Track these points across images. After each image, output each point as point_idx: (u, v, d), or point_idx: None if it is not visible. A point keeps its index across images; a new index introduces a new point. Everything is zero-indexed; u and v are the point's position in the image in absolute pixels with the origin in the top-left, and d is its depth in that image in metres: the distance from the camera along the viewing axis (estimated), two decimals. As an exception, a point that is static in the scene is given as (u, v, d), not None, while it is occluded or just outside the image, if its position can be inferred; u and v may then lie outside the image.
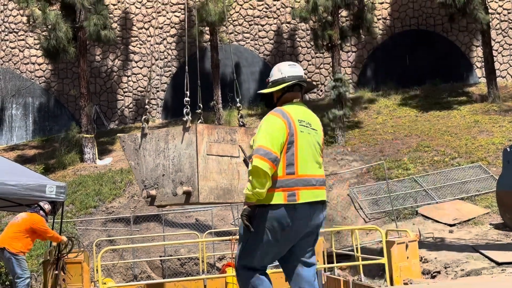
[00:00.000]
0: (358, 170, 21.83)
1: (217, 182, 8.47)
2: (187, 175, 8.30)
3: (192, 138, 8.32)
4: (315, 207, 5.11)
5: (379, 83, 30.02)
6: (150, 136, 8.74)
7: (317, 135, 5.28)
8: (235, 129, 8.83)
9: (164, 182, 8.53)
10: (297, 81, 5.30)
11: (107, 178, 23.22)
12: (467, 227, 17.15)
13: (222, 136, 8.60)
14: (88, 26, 24.81)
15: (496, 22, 29.87)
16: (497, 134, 22.85)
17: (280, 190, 5.01)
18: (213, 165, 8.40)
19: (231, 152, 8.63)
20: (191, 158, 8.29)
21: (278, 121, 5.07)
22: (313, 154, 5.18)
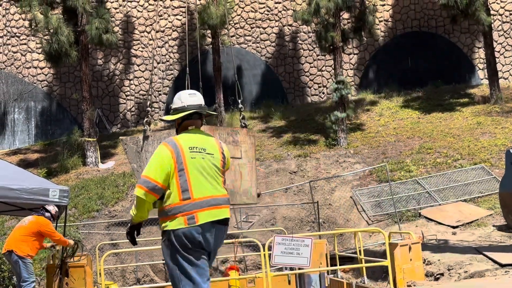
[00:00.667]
0: (361, 172, 21.84)
1: None
2: None
3: None
4: (216, 226, 5.53)
5: (381, 85, 30.03)
6: (152, 138, 8.71)
7: (214, 158, 5.67)
8: (237, 131, 8.81)
9: None
10: (195, 110, 5.76)
11: (110, 182, 23.25)
12: (470, 229, 17.14)
13: (224, 138, 8.58)
14: (90, 30, 24.85)
15: (498, 24, 29.87)
16: (499, 136, 22.84)
17: (180, 215, 5.43)
18: None
19: (233, 153, 8.57)
20: None
21: (165, 151, 5.52)
22: (209, 177, 5.59)
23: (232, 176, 8.59)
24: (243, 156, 8.82)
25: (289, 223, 19.84)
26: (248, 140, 8.93)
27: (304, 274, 13.00)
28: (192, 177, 5.50)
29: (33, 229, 11.25)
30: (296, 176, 22.30)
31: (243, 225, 19.92)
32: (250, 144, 8.98)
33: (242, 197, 8.76)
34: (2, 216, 20.44)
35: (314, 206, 19.16)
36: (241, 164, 8.77)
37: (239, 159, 8.75)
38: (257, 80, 30.30)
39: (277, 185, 21.62)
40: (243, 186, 8.75)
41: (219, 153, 5.76)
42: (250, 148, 8.96)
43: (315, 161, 23.07)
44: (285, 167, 22.82)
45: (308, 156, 23.49)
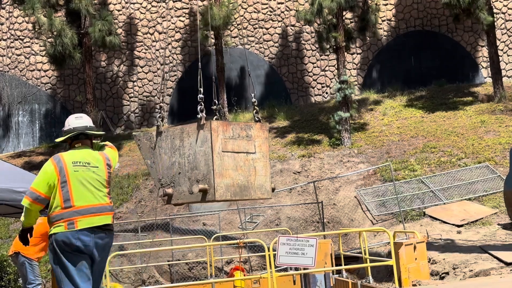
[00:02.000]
0: (365, 172, 21.83)
1: (234, 179, 8.35)
2: (203, 172, 8.19)
3: (206, 135, 8.22)
4: (96, 232, 6.25)
5: (385, 84, 30.02)
6: (165, 134, 8.62)
7: (98, 170, 6.48)
8: (251, 125, 8.70)
9: (181, 180, 8.41)
10: (80, 131, 6.64)
11: (114, 184, 23.28)
12: (475, 228, 17.13)
13: (237, 133, 8.49)
14: (93, 32, 24.91)
15: (501, 22, 29.84)
16: (503, 134, 22.81)
17: (62, 221, 6.20)
18: (229, 161, 8.31)
19: (246, 148, 8.54)
20: (206, 156, 8.18)
21: (50, 166, 6.42)
22: (91, 187, 6.36)
23: (246, 171, 8.50)
24: (256, 150, 8.70)
25: (293, 223, 19.85)
26: (261, 134, 8.79)
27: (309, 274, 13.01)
28: (73, 188, 6.28)
29: (41, 231, 11.22)
30: (300, 176, 22.31)
31: (248, 226, 19.93)
32: (263, 138, 8.84)
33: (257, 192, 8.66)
34: (7, 219, 20.49)
35: (318, 206, 19.16)
36: (255, 159, 8.65)
37: (252, 154, 8.62)
38: (260, 80, 30.32)
39: (281, 186, 21.62)
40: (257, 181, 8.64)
41: (104, 165, 6.58)
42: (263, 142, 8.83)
43: (319, 161, 23.08)
44: (289, 167, 22.83)
45: (312, 156, 23.49)
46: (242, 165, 8.47)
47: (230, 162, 8.33)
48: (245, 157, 8.52)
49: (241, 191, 8.43)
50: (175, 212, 21.05)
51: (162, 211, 21.38)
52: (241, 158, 8.48)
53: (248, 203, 20.75)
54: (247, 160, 8.54)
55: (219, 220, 19.56)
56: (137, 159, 26.00)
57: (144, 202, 22.11)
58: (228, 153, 8.32)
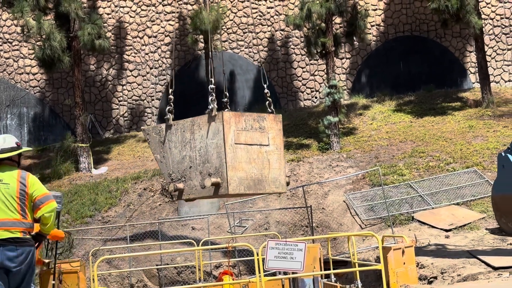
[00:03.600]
0: (354, 177, 21.86)
1: (247, 172, 8.11)
2: (215, 166, 7.96)
3: (218, 127, 8.01)
4: (5, 244, 6.66)
5: (374, 89, 30.08)
6: (175, 127, 8.41)
7: (8, 188, 6.85)
8: (264, 116, 8.56)
9: (192, 174, 8.19)
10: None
11: (103, 188, 23.20)
12: (463, 232, 17.17)
13: (250, 124, 8.30)
14: (83, 36, 24.82)
15: (490, 28, 29.98)
16: (491, 139, 22.90)
17: None
18: (242, 154, 8.07)
19: (260, 141, 8.33)
20: (218, 148, 7.96)
21: None
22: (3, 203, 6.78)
23: (259, 164, 8.27)
24: (270, 143, 8.48)
25: (282, 227, 19.84)
26: (275, 126, 8.63)
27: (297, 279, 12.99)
28: None
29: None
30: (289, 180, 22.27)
31: (237, 230, 19.91)
32: (277, 130, 8.67)
33: (271, 186, 8.44)
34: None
35: (307, 211, 19.16)
36: (269, 152, 8.43)
37: (266, 146, 8.40)
38: (249, 85, 30.32)
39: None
40: (271, 174, 8.42)
41: (16, 182, 6.91)
42: (277, 134, 8.66)
43: (308, 165, 23.09)
44: (278, 172, 22.77)
45: (301, 161, 23.50)
46: (255, 157, 8.24)
47: (243, 155, 8.09)
48: (259, 150, 8.30)
49: (254, 184, 8.19)
50: (164, 216, 21.00)
51: (151, 215, 21.32)
52: (255, 151, 8.25)
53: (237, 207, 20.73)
54: (260, 152, 8.31)
55: (208, 224, 19.52)
56: (126, 163, 25.94)
57: (133, 206, 22.04)
58: (241, 145, 8.09)
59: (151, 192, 22.53)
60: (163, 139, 8.51)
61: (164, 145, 8.48)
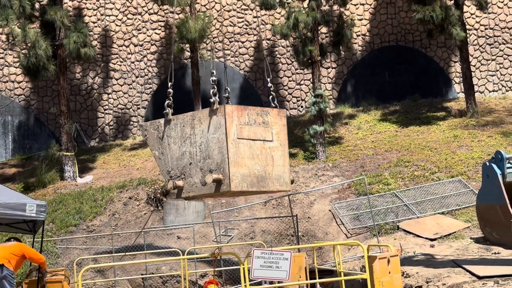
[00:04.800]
0: (339, 186, 21.89)
1: (250, 168, 7.77)
2: (217, 161, 7.65)
3: (220, 120, 7.71)
4: None
5: (359, 98, 30.19)
6: (175, 122, 8.09)
7: None
8: (267, 111, 8.18)
9: (192, 171, 7.88)
10: None
11: (88, 196, 23.08)
12: (448, 241, 17.24)
13: (253, 118, 7.97)
14: (68, 44, 24.74)
15: (474, 38, 30.21)
16: (476, 149, 23.04)
17: None
18: (244, 149, 7.74)
19: (263, 136, 8.00)
20: (220, 143, 7.65)
21: None
22: None
23: (263, 160, 7.94)
24: (274, 138, 8.11)
25: (268, 236, 19.82)
26: (279, 121, 8.23)
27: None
28: None
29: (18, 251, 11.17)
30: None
31: (223, 239, 19.86)
32: (281, 125, 8.28)
33: (275, 184, 8.07)
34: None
35: (293, 220, 19.16)
36: (273, 148, 8.06)
37: (270, 142, 8.04)
38: (235, 93, 30.33)
39: (256, 199, 21.60)
40: (275, 172, 8.05)
41: None
42: (281, 130, 8.27)
43: (294, 174, 23.10)
44: (264, 181, 22.77)
45: (287, 170, 23.48)
46: (258, 153, 7.92)
47: (246, 150, 7.78)
48: (262, 145, 7.98)
49: (258, 181, 7.87)
50: (149, 225, 20.92)
51: (136, 224, 21.24)
52: (258, 146, 7.94)
53: (223, 216, 20.69)
54: (264, 148, 8.00)
55: (194, 234, 19.46)
56: (111, 171, 25.84)
57: (118, 215, 21.94)
58: (243, 140, 7.78)
59: (137, 201, 22.45)
60: (161, 135, 8.23)
61: (162, 141, 8.20)
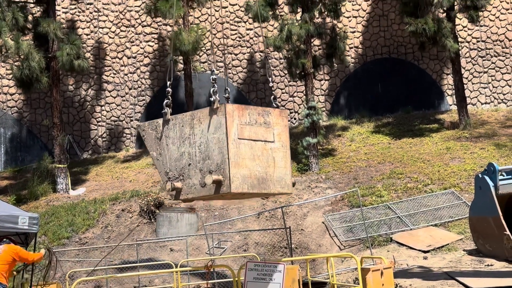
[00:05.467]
0: (333, 198, 21.90)
1: (251, 169, 7.57)
2: (217, 162, 7.47)
3: (221, 120, 7.50)
4: None
5: (352, 110, 30.26)
6: (173, 122, 7.90)
7: None
8: (269, 111, 7.99)
9: (191, 172, 7.70)
10: None
11: (80, 209, 23.01)
12: (441, 254, 17.24)
13: (254, 118, 7.77)
14: (61, 56, 24.74)
15: (466, 51, 30.36)
16: (468, 161, 23.10)
17: None
18: (245, 150, 7.56)
19: (265, 137, 7.81)
20: (220, 143, 7.46)
21: None
22: None
23: (264, 162, 7.74)
24: (275, 139, 7.91)
25: (261, 249, 19.79)
26: (281, 122, 8.04)
27: (276, 300, 12.91)
28: None
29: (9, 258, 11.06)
30: (268, 202, 22.29)
31: (216, 251, 19.82)
32: (283, 126, 8.08)
33: (276, 186, 7.86)
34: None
35: (286, 232, 19.14)
36: (274, 149, 7.86)
37: (271, 143, 7.84)
38: (229, 106, 30.31)
39: (249, 211, 21.58)
40: (276, 173, 7.85)
41: None
42: (283, 131, 8.06)
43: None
44: (257, 193, 22.76)
45: (280, 182, 23.47)
46: (260, 154, 7.74)
47: (247, 151, 7.59)
48: (263, 146, 7.81)
49: (259, 183, 7.68)
50: (142, 238, 20.86)
51: (129, 236, 21.17)
52: (259, 147, 7.76)
53: (216, 228, 20.65)
54: (265, 149, 7.82)
55: (187, 246, 19.41)
56: (104, 184, 25.78)
57: (110, 227, 21.87)
58: (244, 141, 7.60)
59: (129, 213, 22.39)
60: (159, 135, 8.06)
61: (161, 142, 8.03)
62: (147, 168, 26.59)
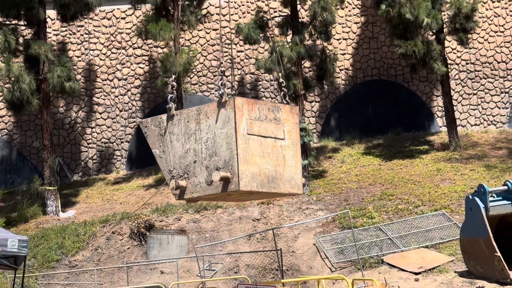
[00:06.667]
0: (324, 219, 21.88)
1: (260, 167, 7.18)
2: (224, 158, 7.09)
3: (229, 114, 7.12)
4: None
5: (343, 132, 30.35)
6: (178, 118, 7.54)
7: None
8: (279, 107, 7.65)
9: (196, 170, 7.31)
10: None
11: (70, 231, 22.90)
12: (433, 275, 17.24)
13: (264, 114, 7.38)
14: (52, 78, 24.75)
15: (455, 73, 30.57)
16: (459, 182, 23.16)
17: None
18: (255, 146, 7.17)
19: (275, 133, 7.45)
20: (228, 138, 7.07)
21: None
22: None
23: (274, 159, 7.36)
24: (286, 137, 7.54)
25: (252, 271, 19.72)
26: (291, 118, 7.72)
27: (267, 323, 12.88)
28: None
29: None
30: (259, 224, 22.25)
31: (206, 274, 19.73)
32: (293, 123, 7.75)
33: (286, 185, 7.47)
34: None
35: (277, 254, 19.10)
36: (284, 146, 7.49)
37: (281, 140, 7.48)
38: (219, 127, 30.35)
39: (240, 233, 21.52)
40: (286, 172, 7.47)
41: None
42: (293, 128, 7.72)
43: (278, 208, 23.08)
44: (248, 215, 22.77)
45: (271, 204, 23.49)
46: (269, 152, 7.36)
47: (257, 147, 7.21)
48: (273, 143, 7.44)
49: (268, 182, 7.29)
50: (132, 260, 20.76)
51: (119, 259, 21.07)
52: (269, 144, 7.39)
53: (206, 250, 20.58)
54: (275, 146, 7.44)
55: (177, 268, 19.33)
56: (94, 206, 25.69)
57: (101, 250, 21.76)
58: (254, 137, 7.22)
59: (120, 236, 22.29)
60: (163, 131, 7.68)
61: (164, 138, 7.66)
62: (137, 190, 26.53)
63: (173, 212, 22.98)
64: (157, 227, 22.00)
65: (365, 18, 31.27)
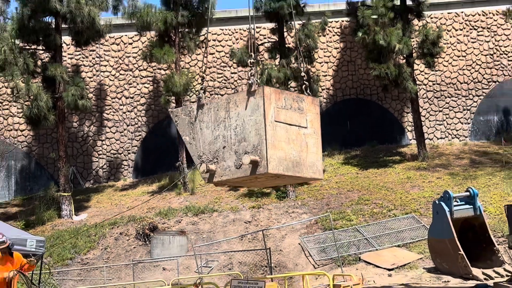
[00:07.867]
0: (307, 222, 21.88)
1: (286, 152, 6.95)
2: (253, 143, 6.85)
3: (258, 102, 6.90)
4: None
5: (324, 145, 30.24)
6: (208, 107, 7.35)
7: None
8: (303, 97, 7.41)
9: (225, 154, 7.06)
10: None
11: (83, 232, 22.79)
12: (404, 271, 17.24)
13: (289, 103, 7.18)
14: (67, 97, 24.74)
15: (423, 92, 30.71)
16: (427, 189, 23.22)
17: None
18: (281, 133, 6.96)
19: (299, 122, 7.23)
20: (257, 125, 6.84)
21: None
22: None
23: (298, 146, 7.13)
24: (308, 125, 7.32)
25: (244, 267, 19.67)
26: (313, 109, 7.49)
27: (258, 314, 12.82)
28: None
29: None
30: (250, 225, 22.22)
31: (204, 270, 19.67)
32: (315, 114, 7.53)
33: (309, 171, 7.24)
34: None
35: (266, 252, 19.06)
36: (307, 134, 7.26)
37: (304, 129, 7.26)
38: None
39: (234, 234, 21.48)
40: (309, 158, 7.25)
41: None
42: (315, 118, 7.50)
43: (268, 211, 23.06)
44: (241, 217, 22.74)
45: (261, 207, 23.47)
46: (294, 138, 7.14)
47: (283, 134, 6.98)
48: (297, 131, 7.22)
49: (293, 166, 7.07)
50: (138, 258, 20.68)
51: (126, 257, 20.98)
52: (294, 131, 7.17)
53: (204, 249, 20.52)
54: (299, 134, 7.22)
55: (178, 265, 19.26)
56: (104, 210, 25.58)
57: (109, 249, 21.67)
58: (280, 124, 7.00)
59: (127, 236, 22.20)
60: (193, 119, 7.46)
61: (194, 126, 7.42)
62: (142, 196, 26.45)
63: (174, 215, 22.92)
64: (160, 229, 21.93)
65: (344, 44, 31.40)
